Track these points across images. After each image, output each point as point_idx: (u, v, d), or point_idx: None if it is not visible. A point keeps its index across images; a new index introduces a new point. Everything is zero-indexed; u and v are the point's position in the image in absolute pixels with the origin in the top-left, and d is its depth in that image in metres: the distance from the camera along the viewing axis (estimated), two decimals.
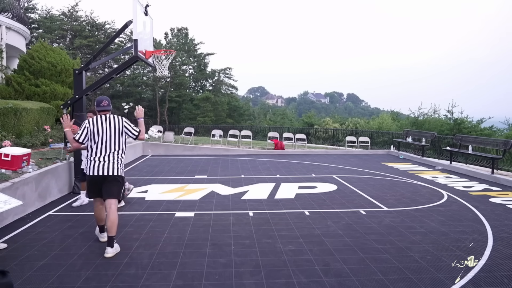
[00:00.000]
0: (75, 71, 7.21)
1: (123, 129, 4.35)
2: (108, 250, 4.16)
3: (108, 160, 4.24)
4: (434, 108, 26.38)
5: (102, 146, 4.24)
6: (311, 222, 5.49)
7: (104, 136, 4.24)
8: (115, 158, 4.28)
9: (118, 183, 4.31)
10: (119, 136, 4.33)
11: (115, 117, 4.37)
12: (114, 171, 4.24)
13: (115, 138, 4.30)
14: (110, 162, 4.24)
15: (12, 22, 16.22)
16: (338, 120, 39.99)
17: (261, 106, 73.70)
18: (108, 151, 4.25)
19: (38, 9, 40.57)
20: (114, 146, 4.29)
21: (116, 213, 4.22)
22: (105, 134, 4.25)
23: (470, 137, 12.13)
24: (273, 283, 3.54)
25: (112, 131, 4.28)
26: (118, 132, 4.32)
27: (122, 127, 4.35)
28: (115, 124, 4.31)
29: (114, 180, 4.26)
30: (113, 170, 4.24)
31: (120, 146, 4.34)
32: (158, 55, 7.44)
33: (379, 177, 9.43)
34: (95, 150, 4.25)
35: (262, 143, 16.97)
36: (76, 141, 4.27)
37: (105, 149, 4.24)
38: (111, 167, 4.23)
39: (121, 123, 4.35)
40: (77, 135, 4.27)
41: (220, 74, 47.12)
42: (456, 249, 4.44)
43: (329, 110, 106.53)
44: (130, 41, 35.44)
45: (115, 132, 4.29)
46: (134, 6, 6.37)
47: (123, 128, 4.35)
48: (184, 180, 8.72)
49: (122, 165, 4.37)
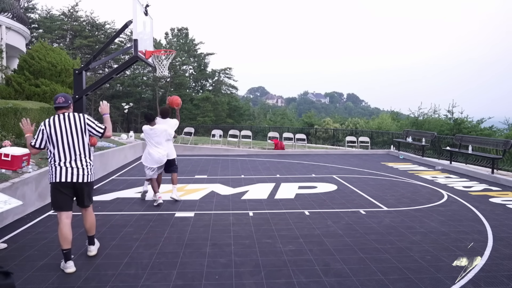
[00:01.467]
0: (75, 71, 7.22)
1: (85, 127, 3.84)
2: (91, 248, 4.08)
3: (76, 166, 3.75)
4: (434, 108, 26.43)
5: (66, 150, 3.73)
6: (311, 222, 5.49)
7: (65, 139, 3.72)
8: (84, 164, 3.81)
9: (92, 189, 4.00)
10: (82, 137, 3.81)
11: (75, 115, 3.86)
12: (86, 178, 3.82)
13: (79, 140, 3.78)
14: (79, 168, 3.76)
15: (12, 22, 16.22)
16: (338, 120, 40.04)
17: (261, 106, 73.73)
18: (74, 156, 3.75)
19: (38, 9, 40.63)
20: (79, 149, 3.78)
21: (93, 214, 4.07)
22: (66, 136, 3.73)
23: (470, 137, 12.13)
24: (273, 283, 3.54)
25: (73, 131, 3.76)
26: (80, 132, 3.80)
27: (84, 126, 3.83)
28: (76, 123, 3.79)
29: (88, 187, 3.89)
30: (84, 176, 3.80)
31: (85, 148, 3.84)
32: (158, 55, 7.44)
33: (379, 177, 9.43)
34: (58, 156, 3.72)
35: (262, 143, 16.97)
36: (33, 147, 3.77)
37: (69, 154, 3.73)
38: (82, 173, 3.77)
39: (82, 121, 3.83)
40: (33, 140, 3.78)
41: (220, 74, 47.15)
42: (456, 249, 4.44)
43: (329, 110, 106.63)
44: (130, 41, 35.42)
45: (77, 133, 3.77)
46: (134, 6, 6.38)
47: (85, 126, 3.84)
48: (184, 180, 8.72)
49: (93, 169, 3.92)
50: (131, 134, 15.99)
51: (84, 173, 3.80)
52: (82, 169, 3.80)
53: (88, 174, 3.85)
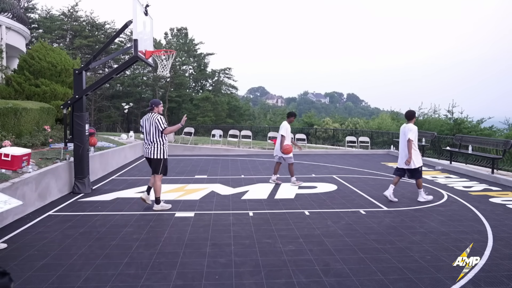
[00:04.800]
0: (75, 71, 7.21)
1: (154, 123, 5.89)
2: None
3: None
4: (434, 108, 26.47)
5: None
6: (311, 222, 5.49)
7: (144, 128, 6.09)
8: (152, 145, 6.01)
9: (157, 163, 6.01)
10: (154, 128, 5.91)
11: (153, 114, 5.98)
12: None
13: (151, 129, 5.94)
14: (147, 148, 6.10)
15: (12, 22, 16.22)
16: (338, 120, 40.04)
17: (261, 106, 73.77)
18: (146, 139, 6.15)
19: (38, 9, 40.62)
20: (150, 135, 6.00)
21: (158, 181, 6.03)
22: (144, 127, 6.04)
23: (470, 137, 12.14)
24: (273, 283, 3.54)
25: (149, 124, 5.92)
26: (154, 125, 5.88)
27: (154, 122, 5.89)
28: (150, 120, 5.92)
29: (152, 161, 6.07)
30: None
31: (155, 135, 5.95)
32: (159, 55, 7.44)
33: (379, 177, 9.43)
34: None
35: (262, 143, 16.97)
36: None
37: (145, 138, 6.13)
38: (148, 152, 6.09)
39: (154, 119, 5.91)
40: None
41: (220, 74, 47.13)
42: (456, 249, 4.44)
43: (329, 110, 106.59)
44: (130, 41, 35.43)
45: (150, 126, 5.90)
46: (134, 6, 6.37)
47: (154, 122, 5.89)
48: (184, 180, 8.72)
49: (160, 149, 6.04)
50: (131, 134, 15.99)
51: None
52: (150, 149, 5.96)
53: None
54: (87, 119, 7.27)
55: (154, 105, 5.99)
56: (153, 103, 6.07)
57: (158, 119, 5.87)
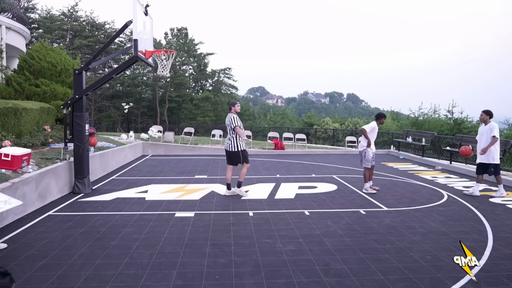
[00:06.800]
0: (75, 71, 7.21)
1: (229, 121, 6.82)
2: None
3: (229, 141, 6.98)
4: (434, 108, 26.41)
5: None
6: (311, 222, 5.49)
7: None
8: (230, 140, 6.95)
9: (235, 156, 6.93)
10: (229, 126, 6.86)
11: (229, 114, 6.90)
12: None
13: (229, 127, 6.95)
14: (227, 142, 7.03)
15: (12, 22, 16.23)
16: (338, 120, 40.05)
17: (261, 106, 73.74)
18: (227, 135, 6.99)
19: (38, 9, 40.62)
20: (228, 132, 6.91)
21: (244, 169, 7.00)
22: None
23: (470, 137, 12.12)
24: (273, 283, 3.54)
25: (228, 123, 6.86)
26: (229, 122, 6.81)
27: (229, 120, 6.83)
28: (228, 118, 6.88)
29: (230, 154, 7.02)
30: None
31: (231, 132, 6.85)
32: (159, 55, 7.44)
33: (379, 177, 9.43)
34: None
35: (262, 143, 16.97)
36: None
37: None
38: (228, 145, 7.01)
39: (229, 118, 6.85)
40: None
41: (220, 74, 47.08)
42: (456, 249, 4.44)
43: (329, 110, 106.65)
44: (130, 41, 35.42)
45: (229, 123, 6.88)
46: (134, 6, 6.37)
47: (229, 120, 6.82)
48: (184, 180, 8.72)
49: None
50: (131, 134, 15.99)
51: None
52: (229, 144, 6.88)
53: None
54: (87, 119, 7.27)
55: (231, 105, 7.01)
56: (231, 103, 7.05)
57: (232, 118, 6.81)
